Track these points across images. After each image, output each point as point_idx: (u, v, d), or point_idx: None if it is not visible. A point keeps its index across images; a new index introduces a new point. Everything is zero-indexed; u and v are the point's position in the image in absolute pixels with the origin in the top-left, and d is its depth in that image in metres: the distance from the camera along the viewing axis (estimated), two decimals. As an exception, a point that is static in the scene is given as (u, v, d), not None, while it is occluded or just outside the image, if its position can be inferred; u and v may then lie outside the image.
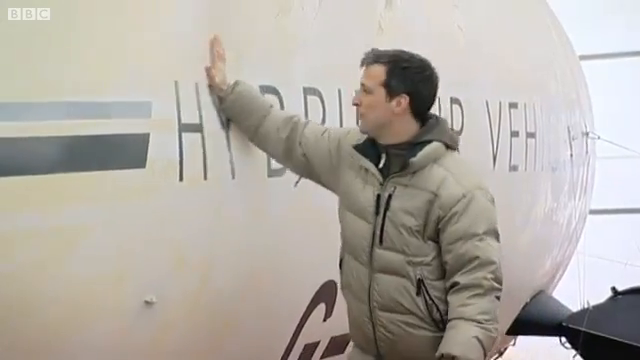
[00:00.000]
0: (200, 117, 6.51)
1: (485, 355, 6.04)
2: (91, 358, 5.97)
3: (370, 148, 6.26)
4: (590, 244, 12.40)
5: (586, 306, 11.22)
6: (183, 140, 6.35)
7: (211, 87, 6.55)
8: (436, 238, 6.05)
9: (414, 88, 6.16)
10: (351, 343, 6.72)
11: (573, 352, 11.46)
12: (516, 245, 8.23)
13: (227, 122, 6.94)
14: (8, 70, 5.66)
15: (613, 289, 11.22)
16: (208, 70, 6.51)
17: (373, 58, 6.19)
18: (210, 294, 6.65)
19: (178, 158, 6.30)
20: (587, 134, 11.88)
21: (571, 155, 11.41)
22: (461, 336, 5.83)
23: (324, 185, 6.75)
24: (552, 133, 10.86)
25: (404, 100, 6.11)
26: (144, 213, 6.17)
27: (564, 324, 11.21)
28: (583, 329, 10.98)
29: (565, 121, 11.27)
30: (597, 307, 11.10)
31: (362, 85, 6.19)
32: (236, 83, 6.55)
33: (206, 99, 6.74)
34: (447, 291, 6.02)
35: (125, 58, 6.11)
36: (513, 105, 9.82)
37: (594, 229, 12.59)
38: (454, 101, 9.00)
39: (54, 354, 5.72)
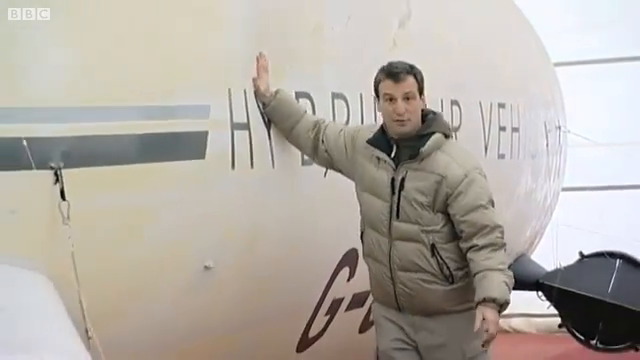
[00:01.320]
0: (248, 118, 6.62)
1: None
2: (161, 316, 6.02)
3: (382, 142, 6.40)
4: (562, 216, 12.34)
5: (559, 267, 11.19)
6: (235, 136, 6.39)
7: (256, 94, 6.55)
8: (444, 210, 6.25)
9: (424, 91, 6.37)
10: (369, 298, 6.75)
11: (547, 304, 11.43)
12: (503, 218, 8.26)
13: (269, 122, 6.98)
14: (100, 80, 5.64)
15: (580, 253, 11.21)
16: (254, 80, 6.53)
17: (406, 71, 6.27)
18: (256, 260, 6.72)
19: (230, 151, 6.35)
20: (560, 128, 11.91)
21: (547, 145, 11.45)
22: (495, 282, 6.04)
23: (342, 173, 6.84)
24: (532, 128, 10.91)
25: (423, 102, 6.34)
26: (203, 195, 6.29)
27: (540, 281, 11.21)
28: (556, 285, 10.98)
29: (542, 118, 11.32)
30: (567, 268, 11.10)
31: (407, 91, 6.21)
32: (277, 91, 6.56)
33: (253, 103, 6.76)
34: (465, 252, 6.21)
35: (189, 70, 6.15)
36: (501, 105, 9.87)
37: (565, 204, 12.52)
38: (454, 102, 9.03)
39: (129, 314, 5.72)
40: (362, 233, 6.60)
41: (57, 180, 5.21)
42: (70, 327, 4.88)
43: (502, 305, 6.06)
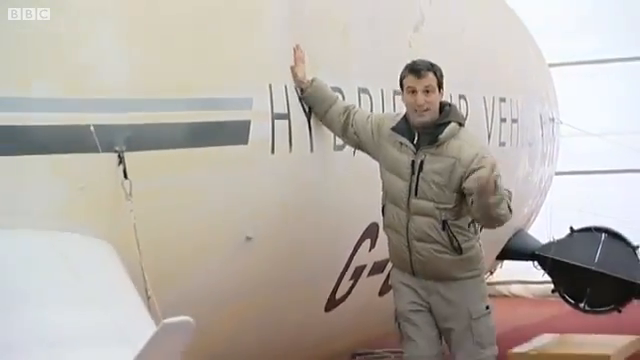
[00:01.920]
0: (288, 109, 6.67)
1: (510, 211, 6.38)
2: (209, 280, 6.09)
3: (405, 129, 6.43)
4: (555, 196, 12.33)
5: (552, 240, 11.20)
6: (275, 125, 6.42)
7: (295, 81, 6.66)
8: (459, 190, 6.26)
9: (443, 86, 6.48)
10: (388, 265, 6.79)
11: (542, 272, 11.44)
12: (520, 198, 8.33)
13: (309, 112, 7.03)
14: (157, 75, 5.72)
15: (571, 228, 11.20)
16: (292, 68, 6.64)
17: (427, 68, 6.39)
18: (290, 232, 6.82)
19: (271, 138, 6.39)
20: (553, 120, 11.87)
21: (542, 135, 11.42)
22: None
23: (368, 154, 6.90)
24: (529, 119, 10.88)
25: (441, 95, 6.46)
26: (245, 175, 6.31)
27: (536, 252, 11.21)
28: (550, 256, 11.00)
29: (538, 111, 11.30)
30: (559, 241, 11.11)
31: (428, 85, 6.31)
32: (313, 79, 6.69)
33: (292, 96, 6.82)
34: (476, 212, 6.23)
35: (235, 67, 6.25)
36: (502, 100, 9.86)
37: (558, 186, 12.50)
38: (461, 97, 9.05)
39: (182, 278, 5.77)
40: (383, 207, 6.60)
41: (120, 162, 5.25)
42: (130, 285, 4.94)
43: (496, 185, 6.09)
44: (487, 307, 6.32)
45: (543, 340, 10.88)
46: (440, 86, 6.43)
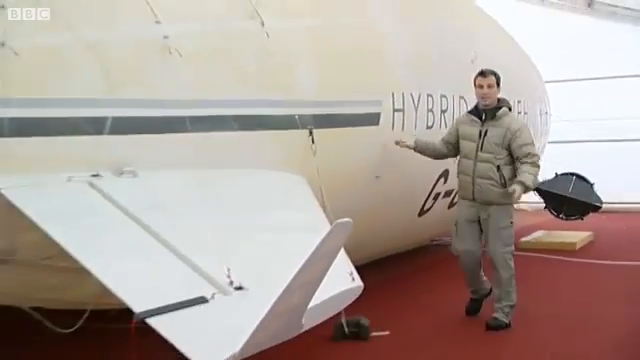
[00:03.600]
0: (402, 105, 6.65)
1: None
2: (356, 201, 6.08)
3: (475, 112, 6.18)
4: (545, 155, 11.96)
5: (544, 179, 11.00)
6: (395, 115, 6.47)
7: (406, 146, 6.44)
8: (507, 147, 5.97)
9: (500, 85, 6.15)
10: (453, 193, 6.71)
11: (538, 197, 11.29)
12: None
13: (415, 109, 6.86)
14: (332, 84, 5.82)
15: (555, 173, 10.91)
16: (401, 143, 6.43)
17: (490, 72, 6.12)
18: (402, 173, 6.91)
19: (391, 122, 6.46)
20: (546, 113, 11.58)
21: (540, 121, 11.14)
22: (525, 175, 5.86)
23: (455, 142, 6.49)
24: (533, 112, 10.58)
25: (498, 91, 6.13)
26: (377, 141, 6.41)
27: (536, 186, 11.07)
28: (543, 188, 10.78)
29: (538, 107, 10.98)
30: (548, 180, 10.83)
31: (491, 83, 6.06)
32: (415, 142, 6.44)
33: (407, 100, 6.74)
34: (517, 165, 5.97)
35: (375, 84, 6.42)
36: (519, 101, 9.61)
37: (548, 155, 12.07)
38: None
39: (340, 200, 5.52)
40: (459, 161, 6.28)
41: (310, 134, 5.39)
42: (315, 200, 5.11)
43: (527, 187, 5.94)
44: (511, 222, 6.11)
45: (538, 234, 10.75)
46: (498, 84, 6.13)
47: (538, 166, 6.07)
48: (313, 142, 5.39)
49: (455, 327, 6.22)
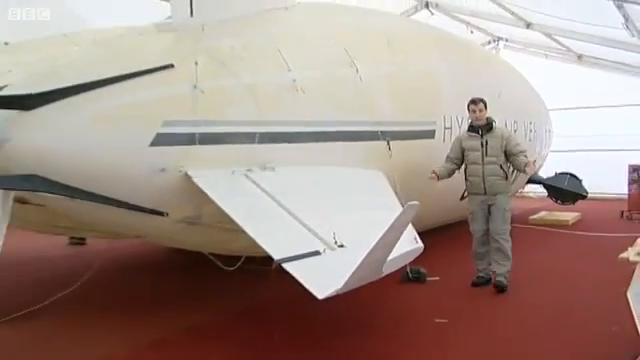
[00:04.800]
0: (451, 125, 6.41)
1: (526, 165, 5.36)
2: (420, 190, 5.48)
3: (473, 129, 5.52)
4: (548, 165, 11.46)
5: (548, 176, 10.61)
6: (445, 132, 6.29)
7: (433, 176, 5.54)
8: (504, 150, 5.39)
9: (487, 107, 5.53)
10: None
11: (543, 189, 10.93)
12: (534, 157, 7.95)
13: (459, 125, 6.39)
14: (406, 110, 5.64)
15: (555, 172, 10.59)
16: (431, 176, 5.50)
17: (479, 100, 5.48)
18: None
19: (442, 136, 6.26)
20: (550, 131, 11.02)
21: (544, 136, 10.53)
22: (521, 163, 5.34)
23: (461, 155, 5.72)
24: (540, 130, 10.07)
25: (486, 111, 5.50)
26: (434, 149, 6.09)
27: (541, 181, 10.65)
28: (546, 182, 10.44)
29: (543, 126, 10.44)
30: (550, 177, 10.50)
31: (481, 108, 5.45)
32: (438, 174, 5.56)
33: (453, 121, 6.36)
34: (511, 160, 5.42)
35: (432, 111, 6.13)
36: (531, 122, 9.21)
37: (550, 160, 11.55)
38: (515, 122, 8.28)
39: (408, 189, 5.23)
40: (466, 167, 5.56)
41: (388, 144, 5.31)
42: (390, 188, 4.94)
43: (527, 163, 5.29)
44: (510, 208, 5.56)
45: (542, 214, 10.29)
46: (485, 108, 5.48)
47: (525, 156, 5.45)
48: (389, 149, 5.33)
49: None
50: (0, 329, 4.21)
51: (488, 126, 5.49)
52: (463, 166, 5.60)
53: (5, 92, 3.42)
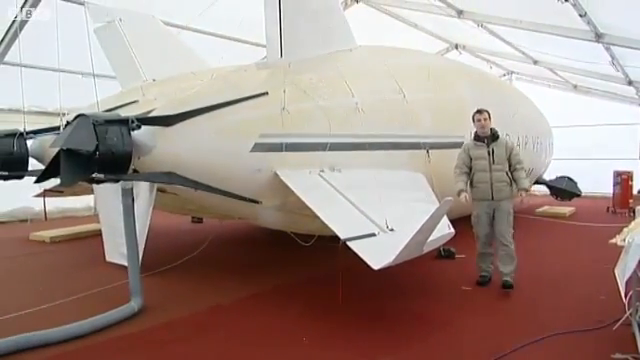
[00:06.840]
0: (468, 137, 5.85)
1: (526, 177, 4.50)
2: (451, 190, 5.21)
3: (479, 138, 4.44)
4: (550, 170, 10.62)
5: (550, 179, 9.86)
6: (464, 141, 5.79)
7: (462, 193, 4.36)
8: (508, 159, 4.34)
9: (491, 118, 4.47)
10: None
11: (546, 189, 10.17)
12: (539, 167, 7.24)
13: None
14: (440, 126, 5.19)
15: (556, 176, 9.84)
16: (459, 192, 4.33)
17: (484, 110, 4.45)
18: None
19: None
20: (552, 143, 10.16)
21: (547, 148, 9.62)
22: (522, 181, 4.31)
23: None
24: (545, 143, 9.35)
25: (490, 122, 4.45)
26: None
27: (545, 182, 9.89)
28: (549, 183, 9.71)
29: (547, 140, 9.65)
30: (552, 180, 9.77)
31: (486, 117, 4.44)
32: (461, 192, 4.34)
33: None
34: (512, 172, 4.37)
35: (460, 124, 5.54)
36: (537, 136, 8.54)
37: (552, 166, 10.68)
38: (525, 137, 7.65)
39: (440, 188, 4.79)
40: (473, 175, 4.43)
41: (427, 152, 5.03)
42: (430, 188, 4.66)
43: (527, 190, 4.35)
44: (513, 212, 4.45)
45: (545, 208, 9.56)
46: (490, 118, 4.49)
47: (525, 170, 4.50)
48: (429, 156, 5.05)
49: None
50: (152, 278, 4.55)
51: (493, 136, 4.49)
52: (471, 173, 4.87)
53: (154, 114, 3.77)
